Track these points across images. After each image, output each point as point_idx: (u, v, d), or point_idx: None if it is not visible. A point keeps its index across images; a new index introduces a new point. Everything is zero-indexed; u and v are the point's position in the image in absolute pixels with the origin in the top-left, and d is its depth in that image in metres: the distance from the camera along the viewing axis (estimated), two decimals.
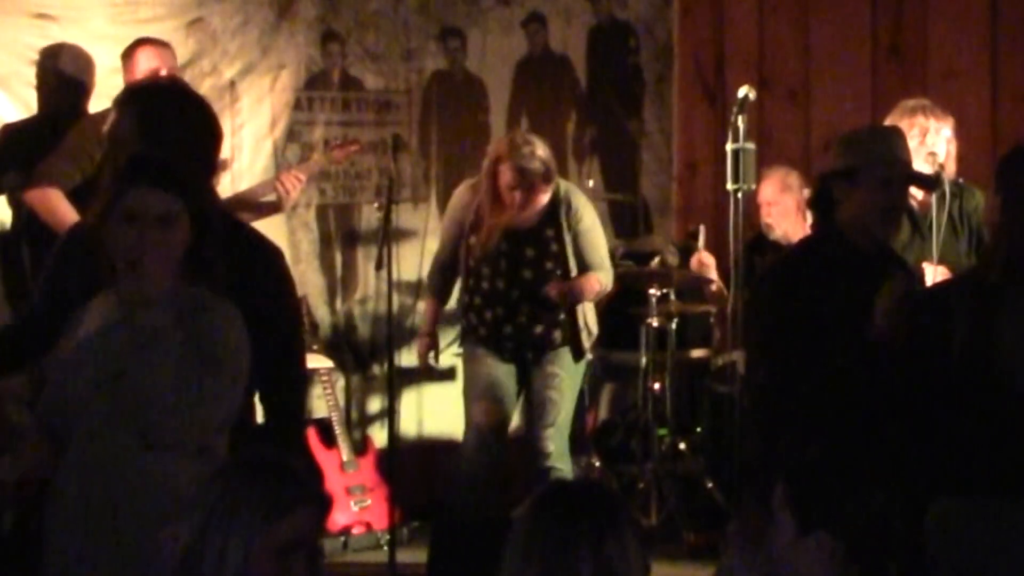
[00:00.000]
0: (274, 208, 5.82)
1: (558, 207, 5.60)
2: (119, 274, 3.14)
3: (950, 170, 5.07)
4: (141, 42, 5.63)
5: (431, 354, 5.90)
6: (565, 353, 5.66)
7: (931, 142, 4.99)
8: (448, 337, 6.08)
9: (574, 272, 5.62)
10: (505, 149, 5.51)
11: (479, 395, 5.62)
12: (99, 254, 3.16)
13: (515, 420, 5.85)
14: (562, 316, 5.65)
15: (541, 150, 5.50)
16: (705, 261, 6.49)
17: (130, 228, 3.09)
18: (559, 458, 5.62)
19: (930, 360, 3.34)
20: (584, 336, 5.70)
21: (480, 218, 5.58)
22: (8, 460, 3.25)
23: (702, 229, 6.55)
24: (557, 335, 5.64)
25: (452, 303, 5.98)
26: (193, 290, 3.16)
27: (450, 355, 6.10)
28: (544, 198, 5.56)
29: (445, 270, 5.81)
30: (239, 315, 3.20)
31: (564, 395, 5.65)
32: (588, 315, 5.74)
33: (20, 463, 3.20)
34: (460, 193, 5.78)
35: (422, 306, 6.32)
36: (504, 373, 5.66)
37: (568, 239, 5.60)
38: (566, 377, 5.66)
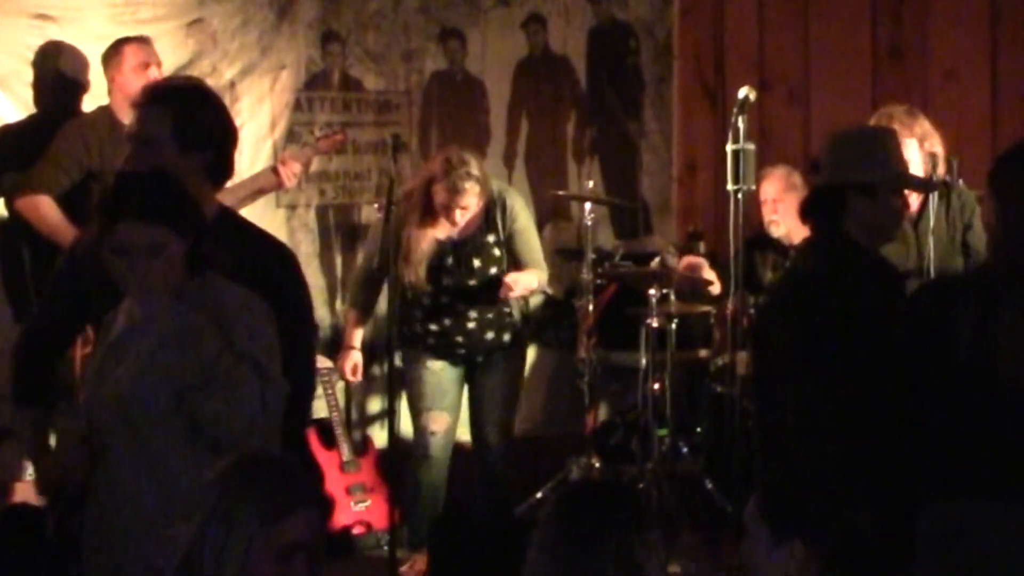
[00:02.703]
0: (272, 187, 5.79)
1: (493, 209, 5.67)
2: (128, 295, 3.21)
3: (926, 170, 5.10)
4: (125, 40, 5.62)
5: (354, 365, 5.88)
6: (512, 349, 5.78)
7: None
8: None
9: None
10: (440, 170, 5.54)
11: (433, 405, 5.70)
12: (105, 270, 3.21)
13: (524, 424, 5.92)
14: (508, 319, 5.71)
15: (475, 168, 5.55)
16: (694, 262, 6.51)
17: (121, 260, 3.14)
18: (499, 451, 5.76)
19: (933, 361, 3.33)
20: (526, 330, 5.84)
21: (410, 230, 5.61)
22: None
23: (671, 253, 6.63)
24: (506, 337, 5.74)
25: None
26: (202, 280, 3.19)
27: None
28: (479, 208, 5.62)
29: (372, 282, 5.78)
30: (254, 297, 3.25)
31: (513, 391, 5.81)
32: (529, 304, 5.86)
33: (59, 466, 3.25)
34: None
35: None
36: (452, 379, 5.75)
37: (504, 240, 5.66)
38: (514, 373, 5.81)
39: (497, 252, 5.69)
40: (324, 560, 2.59)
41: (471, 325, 5.69)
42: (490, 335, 5.71)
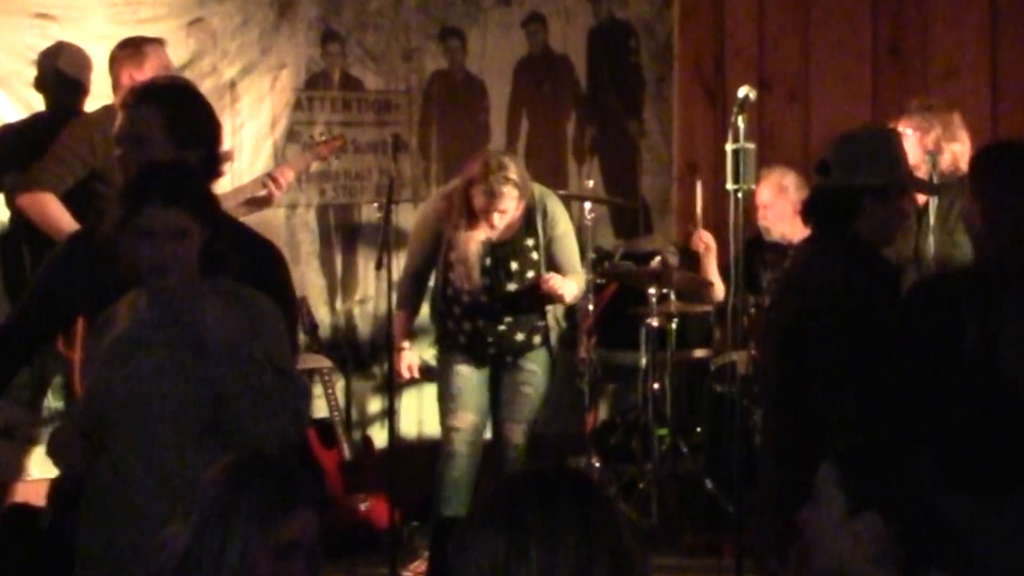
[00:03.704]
0: (265, 201, 5.78)
1: (534, 214, 5.67)
2: (145, 281, 3.19)
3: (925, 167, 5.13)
4: (151, 41, 5.56)
5: (408, 366, 5.89)
6: (542, 352, 5.76)
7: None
8: (428, 339, 6.14)
9: None
10: (478, 173, 5.52)
11: (459, 405, 5.70)
12: (119, 259, 3.19)
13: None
14: (540, 322, 5.71)
15: (514, 172, 5.53)
16: (706, 241, 6.51)
17: (147, 242, 3.13)
18: (523, 452, 5.70)
19: (938, 357, 3.33)
20: (554, 335, 5.81)
21: (456, 232, 5.61)
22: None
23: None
24: (536, 339, 5.74)
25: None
26: (215, 281, 3.19)
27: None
28: (519, 211, 5.62)
29: (418, 280, 5.82)
30: (264, 298, 3.25)
31: (538, 392, 5.76)
32: (558, 312, 5.82)
33: (58, 461, 3.24)
34: (433, 204, 5.83)
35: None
36: (480, 381, 5.75)
37: (543, 245, 5.66)
38: (542, 375, 5.77)
39: (535, 256, 5.68)
40: (324, 560, 2.59)
41: (502, 327, 5.68)
42: (520, 336, 5.70)
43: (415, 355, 5.97)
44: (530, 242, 5.67)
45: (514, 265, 5.66)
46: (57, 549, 3.32)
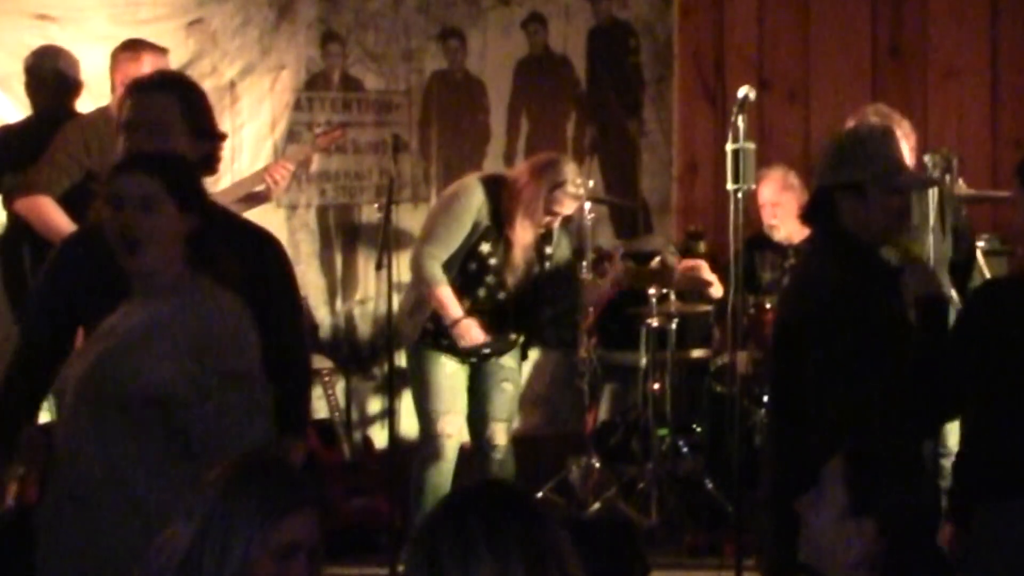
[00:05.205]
0: (263, 198, 5.75)
1: None
2: (120, 260, 3.17)
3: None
4: (154, 49, 5.52)
5: (475, 333, 5.50)
6: (516, 349, 5.71)
7: None
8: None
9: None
10: (567, 176, 5.46)
11: (452, 407, 5.56)
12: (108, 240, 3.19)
13: (524, 424, 5.88)
14: (526, 320, 5.67)
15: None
16: (690, 264, 6.49)
17: (117, 213, 3.13)
18: (508, 451, 5.65)
19: (998, 360, 3.35)
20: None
21: (502, 227, 5.47)
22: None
23: (672, 252, 6.63)
24: (520, 339, 5.69)
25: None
26: (196, 281, 3.17)
27: None
28: None
29: (444, 263, 5.49)
30: (241, 305, 3.21)
31: (517, 388, 5.73)
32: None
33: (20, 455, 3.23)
34: (474, 189, 5.53)
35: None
36: (463, 382, 5.62)
37: (553, 252, 5.64)
38: (518, 371, 5.73)
39: (545, 261, 5.67)
40: (324, 560, 2.59)
41: (506, 326, 5.58)
42: (512, 336, 5.65)
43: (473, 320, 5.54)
44: (548, 249, 5.64)
45: (536, 268, 5.63)
46: (23, 542, 3.30)
